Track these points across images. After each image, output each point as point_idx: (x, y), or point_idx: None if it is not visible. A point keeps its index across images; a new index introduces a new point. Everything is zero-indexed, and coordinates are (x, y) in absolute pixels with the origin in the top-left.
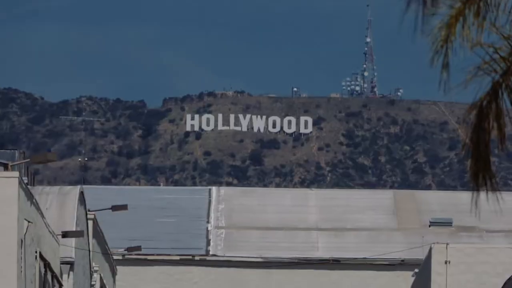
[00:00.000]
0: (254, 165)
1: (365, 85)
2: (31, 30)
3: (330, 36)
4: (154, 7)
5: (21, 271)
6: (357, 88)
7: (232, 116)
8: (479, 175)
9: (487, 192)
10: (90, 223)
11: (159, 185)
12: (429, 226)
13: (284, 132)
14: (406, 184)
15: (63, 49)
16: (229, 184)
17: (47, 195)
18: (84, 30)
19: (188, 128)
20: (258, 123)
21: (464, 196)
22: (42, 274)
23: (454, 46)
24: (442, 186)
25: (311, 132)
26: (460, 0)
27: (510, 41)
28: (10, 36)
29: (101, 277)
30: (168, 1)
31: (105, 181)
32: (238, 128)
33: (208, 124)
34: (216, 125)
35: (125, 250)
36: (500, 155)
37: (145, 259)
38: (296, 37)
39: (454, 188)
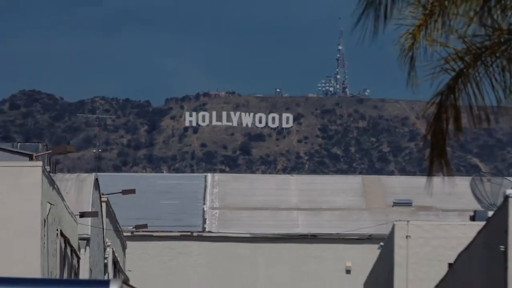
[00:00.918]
0: (243, 155)
1: (338, 86)
2: (53, 39)
3: (307, 44)
4: (158, 20)
5: (44, 247)
6: (331, 89)
7: (224, 113)
8: (436, 162)
9: (443, 177)
10: (104, 205)
11: (162, 172)
12: (392, 206)
13: (268, 126)
14: (372, 170)
15: (80, 56)
16: (222, 171)
17: (66, 181)
18: (98, 39)
19: (187, 124)
20: (246, 119)
21: (422, 181)
22: (63, 249)
23: (419, 51)
24: (403, 172)
25: (291, 127)
26: (423, 11)
27: (467, 42)
28: (35, 45)
29: (113, 251)
30: (170, 15)
31: (116, 169)
32: (230, 124)
33: (203, 120)
34: (210, 121)
35: (133, 227)
36: (453, 144)
37: (151, 236)
38: (279, 45)
39: (413, 173)
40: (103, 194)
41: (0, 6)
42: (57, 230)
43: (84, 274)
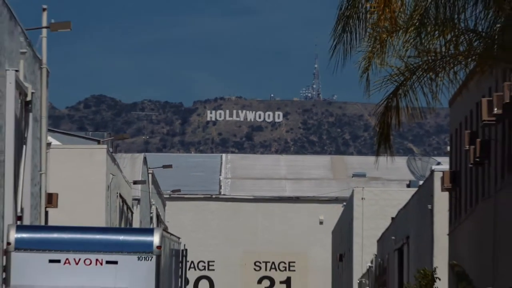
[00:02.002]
0: (247, 141)
1: (314, 93)
2: (116, 57)
3: (293, 62)
4: (189, 45)
5: (108, 205)
6: (309, 94)
7: (234, 111)
8: (382, 146)
9: (387, 156)
10: (150, 175)
11: (191, 153)
12: (352, 177)
13: (265, 121)
14: (338, 152)
15: (134, 69)
16: (233, 152)
17: (124, 159)
18: (146, 58)
19: (208, 119)
20: (250, 115)
21: (373, 159)
22: (121, 206)
23: (372, 69)
24: (360, 153)
25: (281, 121)
26: (374, 42)
27: (406, 62)
28: (102, 60)
29: (156, 208)
30: (198, 42)
31: (159, 150)
32: (238, 119)
33: (220, 116)
34: (225, 117)
35: (171, 192)
36: (394, 134)
37: (183, 197)
38: (273, 63)
39: (366, 154)
40: (149, 168)
41: (78, 33)
42: (117, 193)
43: (136, 224)
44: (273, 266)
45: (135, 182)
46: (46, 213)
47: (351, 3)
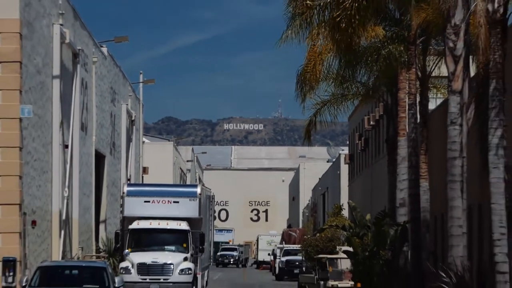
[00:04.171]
0: (245, 139)
1: (279, 114)
2: (178, 96)
3: (268, 98)
4: (214, 90)
5: (174, 173)
6: (276, 114)
7: (238, 124)
8: (306, 141)
9: (308, 145)
10: (195, 157)
11: (216, 146)
12: (299, 157)
13: (254, 129)
14: (292, 145)
15: (186, 102)
16: (237, 145)
17: (181, 149)
18: (192, 97)
19: (225, 128)
20: (246, 126)
21: (311, 149)
22: (180, 173)
23: (307, 102)
24: (303, 145)
25: (262, 129)
26: (310, 85)
27: (321, 98)
28: (172, 98)
29: (198, 175)
30: (219, 90)
31: (199, 145)
32: (241, 128)
33: (231, 127)
34: (233, 127)
35: (206, 166)
36: (317, 135)
37: (212, 169)
38: (258, 99)
39: (305, 146)
40: (195, 153)
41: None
42: (179, 167)
43: (188, 182)
44: (258, 204)
45: (187, 161)
46: (142, 177)
47: (303, 80)
